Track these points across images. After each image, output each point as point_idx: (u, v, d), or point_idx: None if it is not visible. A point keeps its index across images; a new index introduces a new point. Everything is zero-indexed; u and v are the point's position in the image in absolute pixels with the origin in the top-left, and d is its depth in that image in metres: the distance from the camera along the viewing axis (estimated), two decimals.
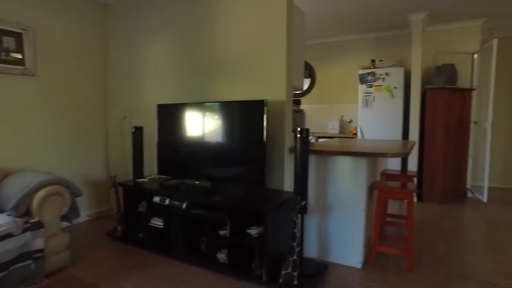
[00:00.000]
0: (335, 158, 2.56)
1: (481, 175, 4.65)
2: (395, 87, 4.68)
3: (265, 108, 2.42)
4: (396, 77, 4.67)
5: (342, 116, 5.77)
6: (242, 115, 2.56)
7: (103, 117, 3.90)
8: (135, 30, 3.57)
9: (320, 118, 5.98)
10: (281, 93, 2.64)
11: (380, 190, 2.56)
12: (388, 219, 3.52)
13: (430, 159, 4.56)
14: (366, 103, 4.90)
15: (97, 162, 3.84)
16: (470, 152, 4.85)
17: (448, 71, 4.64)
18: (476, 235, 3.29)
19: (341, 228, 2.59)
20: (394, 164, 4.75)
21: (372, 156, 2.35)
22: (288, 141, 2.66)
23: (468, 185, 4.91)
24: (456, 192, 4.65)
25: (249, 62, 2.78)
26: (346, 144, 3.04)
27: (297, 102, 3.19)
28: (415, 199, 4.60)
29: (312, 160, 2.66)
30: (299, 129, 2.26)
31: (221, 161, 2.67)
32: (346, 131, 5.69)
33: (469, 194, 4.90)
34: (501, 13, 4.46)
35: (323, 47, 5.93)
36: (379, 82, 4.78)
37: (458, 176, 4.66)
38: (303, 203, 2.20)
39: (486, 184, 4.42)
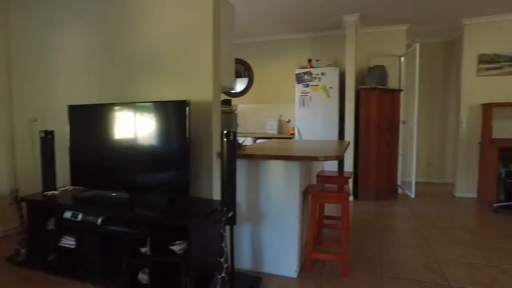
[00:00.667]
0: (267, 162, 2.41)
1: (409, 172, 4.87)
2: (330, 87, 4.71)
3: (188, 109, 2.18)
4: (331, 77, 4.70)
5: (281, 116, 5.72)
6: (163, 117, 2.29)
7: (6, 120, 3.33)
8: (43, 22, 3.09)
9: (259, 118, 5.87)
10: (207, 93, 2.41)
11: (314, 195, 2.46)
12: (326, 221, 3.48)
13: (365, 158, 4.66)
14: (303, 103, 4.87)
15: (1, 173, 3.27)
16: (400, 150, 5.07)
17: (379, 72, 4.79)
18: (405, 232, 3.38)
19: (275, 237, 2.44)
20: (331, 165, 4.79)
21: (304, 160, 2.23)
22: (216, 145, 2.44)
23: (399, 182, 5.13)
24: (388, 189, 4.82)
25: (173, 58, 2.51)
26: (281, 146, 2.91)
27: (227, 102, 2.99)
28: (351, 198, 4.67)
29: (243, 165, 2.48)
30: (225, 132, 2.05)
31: (141, 169, 2.37)
32: (285, 131, 5.64)
33: (400, 190, 5.12)
34: (421, 20, 4.71)
35: (261, 46, 5.81)
36: (315, 82, 4.78)
37: (389, 174, 4.84)
38: (230, 214, 2.00)
39: (413, 181, 4.64)
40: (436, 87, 5.86)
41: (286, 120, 5.67)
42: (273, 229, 2.44)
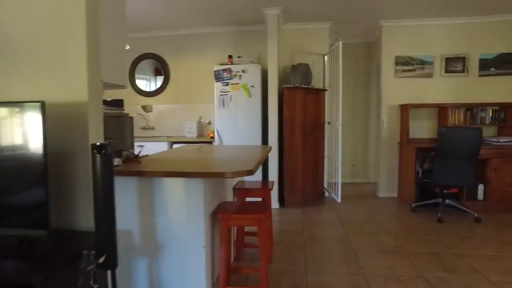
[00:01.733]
0: (163, 180, 1.87)
1: (336, 175, 4.72)
2: (252, 86, 4.32)
3: (43, 113, 1.54)
4: (253, 74, 4.30)
5: (200, 118, 5.18)
6: (7, 125, 1.60)
7: None
8: None
9: (177, 119, 5.26)
10: (80, 92, 1.78)
11: (223, 218, 1.99)
12: (248, 238, 3.06)
13: (290, 162, 4.37)
14: (223, 103, 4.41)
15: None
16: (326, 152, 4.90)
17: (303, 71, 4.54)
18: (333, 242, 3.12)
19: (177, 272, 1.92)
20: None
21: (207, 176, 1.75)
22: None
23: (325, 184, 4.96)
24: (315, 193, 4.60)
25: (34, 47, 1.82)
26: (187, 157, 2.39)
27: (116, 104, 2.37)
28: (277, 205, 4.34)
29: (135, 184, 1.91)
30: (98, 144, 1.47)
31: None
32: (206, 133, 5.12)
33: (326, 194, 4.96)
34: (343, 19, 4.58)
35: (178, 40, 5.21)
36: (235, 80, 4.34)
37: (316, 178, 4.62)
38: (101, 259, 1.42)
39: (339, 186, 4.48)
40: (358, 87, 5.86)
41: (207, 121, 5.15)
42: (175, 263, 1.92)
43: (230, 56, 4.64)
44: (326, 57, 4.85)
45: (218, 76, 4.38)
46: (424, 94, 4.74)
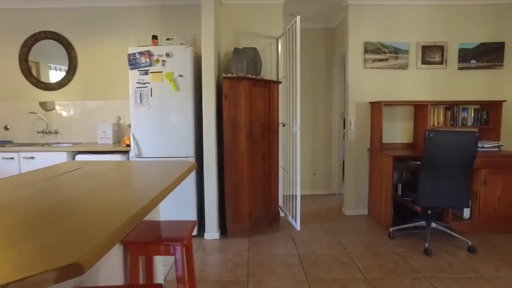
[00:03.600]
0: None
1: (294, 191, 3.69)
2: (180, 75, 3.16)
3: None
4: (181, 60, 3.15)
5: (119, 118, 3.92)
6: None
7: None
8: None
9: (89, 121, 3.96)
10: None
11: None
12: None
13: (233, 177, 3.27)
14: (140, 99, 3.20)
15: None
16: (281, 161, 3.87)
17: (249, 57, 3.47)
18: None
19: None
20: (182, 192, 3.25)
21: None
22: None
23: (281, 201, 3.94)
24: (267, 216, 3.56)
25: None
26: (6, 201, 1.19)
27: None
28: (216, 235, 3.23)
29: None
30: None
31: None
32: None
33: (282, 214, 3.93)
34: None
35: (88, 15, 3.91)
36: (158, 67, 3.16)
37: (268, 196, 3.57)
38: None
39: (298, 209, 3.43)
40: (319, 82, 4.92)
41: (128, 123, 3.90)
42: None
43: (154, 37, 3.44)
44: (280, 41, 3.82)
45: (133, 62, 3.17)
46: (398, 89, 3.88)
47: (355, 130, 3.91)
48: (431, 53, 3.84)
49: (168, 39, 3.82)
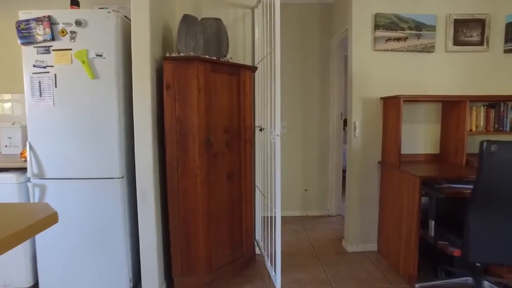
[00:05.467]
0: None
1: (272, 220, 2.60)
2: (99, 55, 2.05)
3: None
4: (101, 31, 2.05)
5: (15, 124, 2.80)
6: None
7: None
8: None
9: None
10: None
11: None
12: None
13: (182, 210, 2.18)
14: (40, 91, 2.10)
15: None
16: (258, 179, 2.79)
17: (210, 31, 2.37)
18: None
19: None
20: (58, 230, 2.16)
21: None
22: None
23: (258, 232, 2.86)
24: (236, 260, 2.48)
25: None
26: None
27: None
28: None
29: None
30: None
31: None
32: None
33: (258, 251, 2.84)
34: None
35: None
36: (64, 43, 2.06)
37: (237, 230, 2.50)
38: None
39: (278, 254, 2.27)
40: (311, 71, 3.83)
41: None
42: None
43: (74, 2, 2.33)
44: (256, 12, 2.72)
45: (25, 33, 2.07)
46: (421, 79, 2.81)
47: (361, 136, 2.83)
48: (467, 30, 2.77)
49: (102, 8, 2.72)
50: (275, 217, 2.12)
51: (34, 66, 2.09)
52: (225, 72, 2.30)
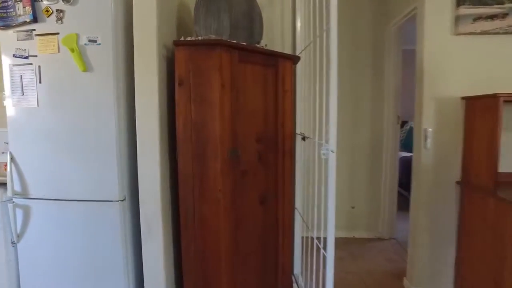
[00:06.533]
0: None
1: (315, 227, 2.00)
2: (92, 40, 1.54)
3: None
4: (94, 10, 1.54)
5: None
6: None
7: None
8: None
9: None
10: None
11: None
12: None
13: (199, 243, 1.64)
14: (22, 88, 1.63)
15: None
16: (298, 200, 2.20)
17: (240, 10, 1.82)
18: None
19: None
20: None
21: None
22: None
23: (297, 266, 2.27)
24: None
25: None
26: None
27: None
28: None
29: None
30: None
31: None
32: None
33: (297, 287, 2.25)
34: None
35: None
36: (49, 26, 1.58)
37: (271, 267, 1.92)
38: None
39: None
40: (362, 65, 3.17)
41: None
42: None
43: None
44: None
45: (1, 13, 1.60)
46: None
47: (433, 147, 2.15)
48: None
49: None
50: (325, 256, 1.51)
51: (14, 56, 1.62)
52: (258, 62, 1.73)
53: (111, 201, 1.64)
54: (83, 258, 1.69)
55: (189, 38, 1.58)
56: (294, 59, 1.91)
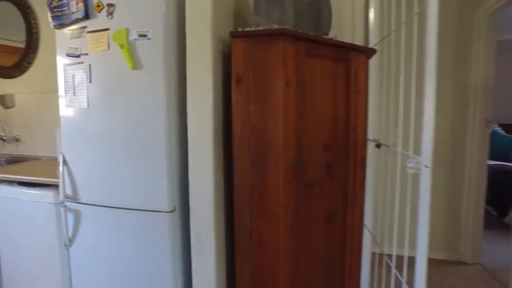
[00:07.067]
0: None
1: (385, 241, 1.66)
2: (142, 35, 1.40)
3: None
4: (144, 3, 1.39)
5: None
6: None
7: None
8: None
9: (54, 125, 2.50)
10: None
11: None
12: None
13: (255, 265, 1.42)
14: (73, 88, 1.55)
15: None
16: (369, 217, 1.89)
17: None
18: None
19: None
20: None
21: None
22: None
23: (364, 286, 1.96)
24: None
25: None
26: None
27: None
28: None
29: None
30: None
31: None
32: None
33: None
34: None
35: None
36: (100, 21, 1.47)
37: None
38: None
39: None
40: (444, 57, 2.72)
41: None
42: None
43: None
44: None
45: (57, 11, 1.54)
46: None
47: None
48: None
49: None
50: (397, 277, 1.20)
51: (67, 55, 1.54)
52: (327, 56, 1.46)
53: (160, 211, 1.49)
54: (131, 267, 1.57)
55: (247, 29, 1.36)
56: (368, 52, 1.62)
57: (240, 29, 1.33)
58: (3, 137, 2.69)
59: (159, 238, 1.50)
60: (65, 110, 1.59)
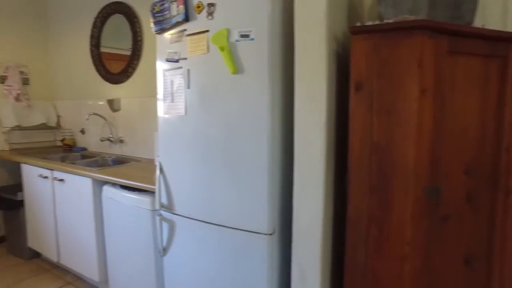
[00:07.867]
0: None
1: None
2: (244, 35, 1.25)
3: None
4: (247, 2, 1.22)
5: None
6: None
7: None
8: None
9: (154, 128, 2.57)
10: None
11: None
12: None
13: None
14: (171, 94, 1.48)
15: None
16: None
17: None
18: None
19: None
20: None
21: None
22: None
23: None
24: None
25: None
26: None
27: None
28: None
29: None
30: None
31: None
32: None
33: None
34: None
35: None
36: (199, 23, 1.36)
37: None
38: None
39: None
40: None
41: None
42: None
43: None
44: None
45: (158, 16, 1.48)
46: None
47: None
48: None
49: None
50: None
51: (166, 60, 1.47)
52: (475, 52, 1.12)
53: (258, 233, 1.33)
54: (225, 286, 1.45)
55: (370, 23, 1.10)
56: None
57: (363, 23, 1.08)
58: (110, 138, 2.86)
59: (255, 261, 1.35)
60: (163, 117, 1.54)
